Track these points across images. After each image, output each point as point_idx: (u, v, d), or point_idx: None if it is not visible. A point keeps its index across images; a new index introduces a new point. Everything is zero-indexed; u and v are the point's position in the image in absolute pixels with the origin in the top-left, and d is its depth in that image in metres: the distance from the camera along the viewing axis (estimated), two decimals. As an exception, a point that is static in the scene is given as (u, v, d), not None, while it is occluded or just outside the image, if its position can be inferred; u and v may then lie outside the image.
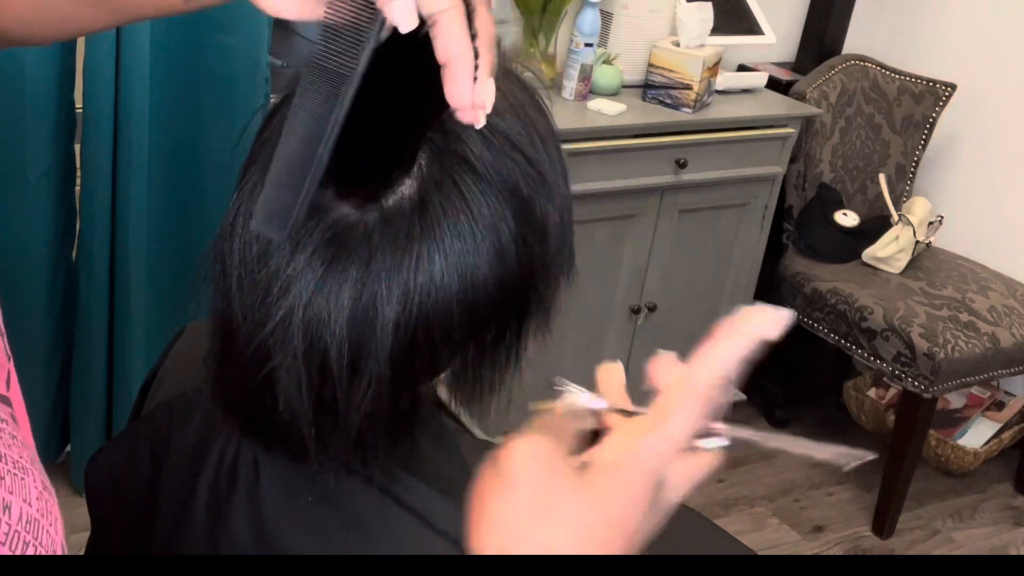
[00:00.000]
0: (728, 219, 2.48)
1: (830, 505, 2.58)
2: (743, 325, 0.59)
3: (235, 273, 0.69)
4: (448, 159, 0.65)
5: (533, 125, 0.71)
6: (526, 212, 0.69)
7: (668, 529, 0.71)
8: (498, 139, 0.68)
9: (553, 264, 0.73)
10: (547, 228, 0.71)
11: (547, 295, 0.75)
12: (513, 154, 0.69)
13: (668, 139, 2.27)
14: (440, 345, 0.69)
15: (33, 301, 2.00)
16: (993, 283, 2.59)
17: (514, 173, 0.69)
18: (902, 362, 2.37)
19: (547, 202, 0.71)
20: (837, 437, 2.93)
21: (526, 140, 0.70)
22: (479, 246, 0.67)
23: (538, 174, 0.70)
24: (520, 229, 0.69)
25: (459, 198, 0.66)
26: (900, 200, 2.80)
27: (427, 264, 0.65)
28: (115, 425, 2.17)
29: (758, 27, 2.54)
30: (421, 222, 0.65)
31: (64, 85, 1.89)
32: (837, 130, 2.68)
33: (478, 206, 0.67)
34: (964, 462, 2.65)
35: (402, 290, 0.65)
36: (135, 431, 0.88)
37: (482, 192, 0.67)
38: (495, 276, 0.68)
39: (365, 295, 0.65)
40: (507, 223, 0.68)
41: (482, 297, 0.68)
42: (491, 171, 0.67)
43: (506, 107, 0.70)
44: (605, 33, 2.36)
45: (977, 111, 2.81)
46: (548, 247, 0.72)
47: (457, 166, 0.66)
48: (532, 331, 0.76)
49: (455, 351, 0.73)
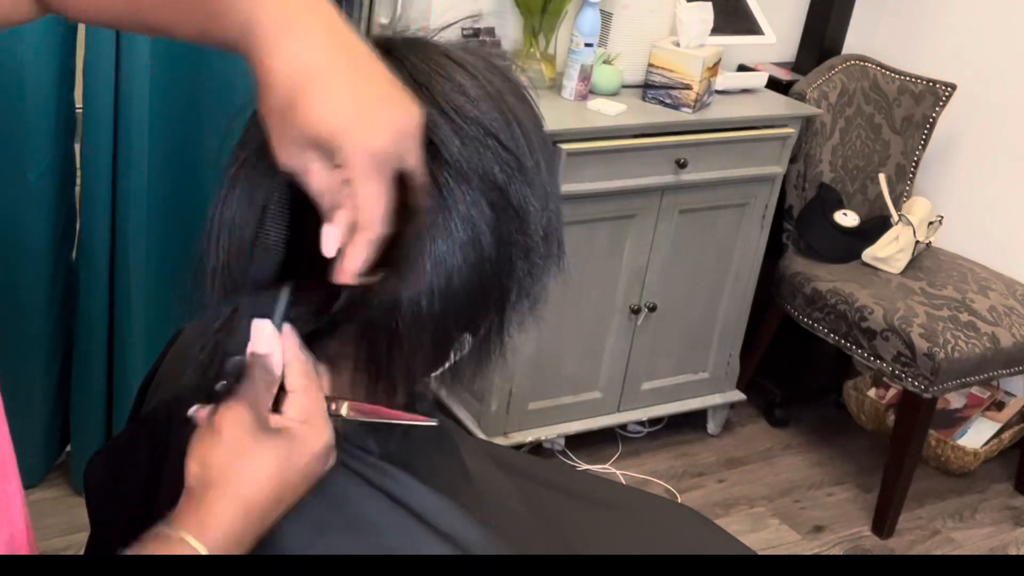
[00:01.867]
0: (728, 219, 2.48)
1: (830, 505, 2.58)
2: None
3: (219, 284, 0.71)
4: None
5: (511, 111, 0.72)
6: (502, 199, 0.70)
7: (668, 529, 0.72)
8: (472, 127, 0.69)
9: (535, 251, 0.74)
10: (526, 214, 0.72)
11: (529, 283, 0.75)
12: (487, 140, 0.69)
13: (668, 139, 2.27)
14: (424, 336, 0.70)
15: (33, 301, 2.00)
16: (993, 283, 2.59)
17: (487, 159, 0.69)
18: (902, 362, 2.37)
19: (524, 187, 0.71)
20: (837, 437, 2.95)
21: (502, 126, 0.71)
22: (454, 235, 0.68)
23: (514, 159, 0.71)
24: (496, 215, 0.70)
25: (433, 189, 0.67)
26: (900, 200, 2.80)
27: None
28: (115, 425, 2.17)
29: (758, 27, 2.54)
30: None
31: (64, 85, 1.89)
32: (837, 130, 2.68)
33: (451, 197, 0.68)
34: (964, 462, 2.65)
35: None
36: (134, 431, 0.88)
37: (453, 180, 0.68)
38: (471, 264, 0.69)
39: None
40: (482, 210, 0.69)
41: (457, 284, 0.69)
42: (462, 158, 0.68)
43: (482, 94, 0.70)
44: (605, 33, 2.36)
45: (977, 111, 2.81)
46: (528, 234, 0.72)
47: (427, 158, 0.67)
48: (516, 319, 0.77)
49: (444, 341, 0.73)
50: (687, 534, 1.12)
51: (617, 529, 1.07)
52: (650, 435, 2.70)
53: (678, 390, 2.63)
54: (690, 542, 1.11)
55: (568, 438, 2.50)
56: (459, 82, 0.70)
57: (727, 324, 2.61)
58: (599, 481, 1.36)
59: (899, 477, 2.44)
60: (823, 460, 2.74)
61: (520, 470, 1.06)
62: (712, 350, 2.63)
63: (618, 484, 2.18)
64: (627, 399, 2.54)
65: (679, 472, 2.61)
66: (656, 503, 1.25)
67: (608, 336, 2.43)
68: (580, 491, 1.12)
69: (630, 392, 2.54)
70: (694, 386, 2.65)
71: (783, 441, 2.80)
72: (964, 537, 2.55)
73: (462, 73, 0.71)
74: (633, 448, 2.65)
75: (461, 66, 0.72)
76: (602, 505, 1.11)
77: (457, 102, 0.69)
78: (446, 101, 0.69)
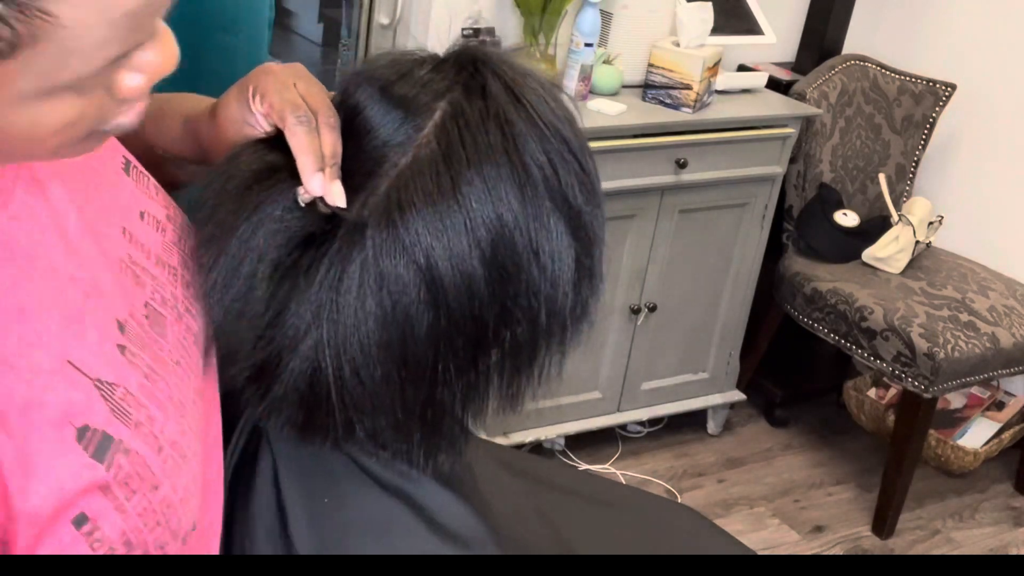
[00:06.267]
0: (728, 219, 2.48)
1: (830, 505, 2.58)
2: None
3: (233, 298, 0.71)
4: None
5: (580, 137, 0.73)
6: (577, 220, 0.71)
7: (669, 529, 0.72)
8: (560, 145, 0.70)
9: (597, 276, 0.74)
10: (596, 238, 0.73)
11: (593, 305, 0.75)
12: (571, 161, 0.71)
13: (668, 139, 2.27)
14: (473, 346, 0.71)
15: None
16: (993, 283, 2.59)
17: (569, 179, 0.70)
18: (902, 362, 2.37)
19: (597, 211, 0.73)
20: (837, 437, 2.95)
21: (579, 150, 0.72)
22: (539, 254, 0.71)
23: (590, 183, 0.72)
24: (573, 236, 0.70)
25: (518, 196, 0.68)
26: (900, 200, 2.80)
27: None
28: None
29: (758, 27, 2.54)
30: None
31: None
32: (837, 130, 2.68)
33: (537, 208, 0.69)
34: (964, 462, 2.65)
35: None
36: None
37: (538, 191, 0.69)
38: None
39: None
40: (561, 230, 0.70)
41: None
42: (549, 174, 0.69)
43: (565, 116, 0.72)
44: (605, 33, 2.36)
45: (977, 111, 2.81)
46: (594, 258, 0.73)
47: (519, 173, 0.68)
48: (575, 341, 0.76)
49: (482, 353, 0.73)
50: (687, 534, 1.12)
51: (617, 529, 1.07)
52: (650, 435, 2.70)
53: (678, 390, 2.63)
54: (690, 542, 1.11)
55: (568, 438, 2.51)
56: (548, 102, 0.71)
57: (727, 324, 2.61)
58: (600, 481, 1.36)
59: (899, 477, 2.44)
60: (823, 460, 2.74)
61: (522, 470, 1.06)
62: (712, 350, 2.63)
63: (619, 484, 2.18)
64: (627, 399, 2.55)
65: (679, 472, 2.61)
66: (656, 503, 1.25)
67: (608, 336, 2.44)
68: (581, 491, 1.12)
69: (630, 392, 2.54)
70: (694, 386, 2.65)
71: (783, 441, 2.80)
72: (964, 537, 2.55)
73: (548, 94, 0.72)
74: (633, 448, 2.65)
75: (541, 85, 0.73)
76: (603, 505, 1.11)
77: (548, 118, 0.70)
78: (540, 116, 0.70)
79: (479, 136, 0.67)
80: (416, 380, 0.69)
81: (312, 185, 0.68)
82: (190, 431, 0.67)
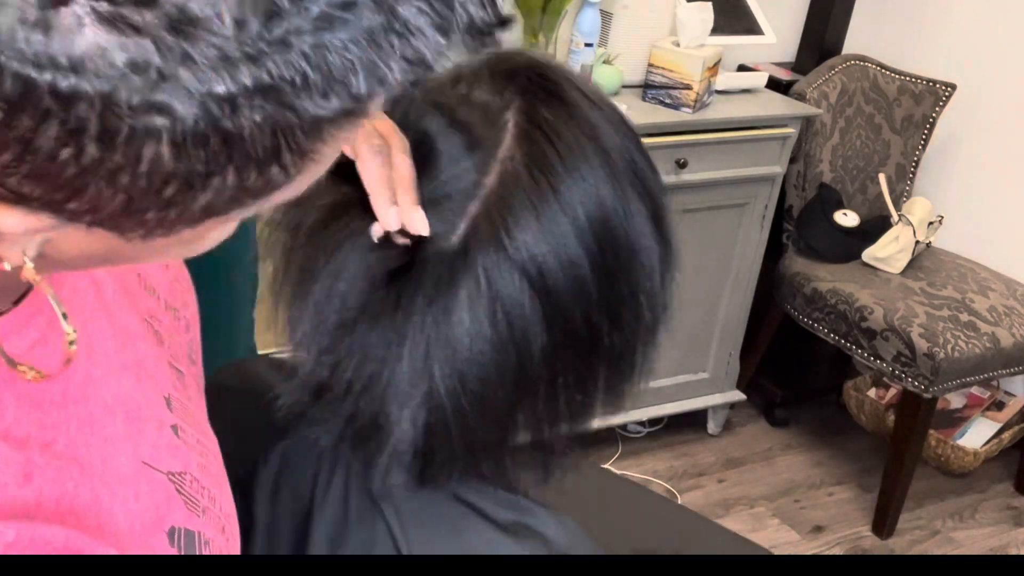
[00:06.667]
0: (728, 219, 2.48)
1: (830, 505, 2.58)
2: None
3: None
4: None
5: (634, 128, 0.74)
6: (656, 210, 0.72)
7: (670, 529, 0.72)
8: (625, 165, 0.70)
9: (677, 268, 0.74)
10: (671, 230, 0.73)
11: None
12: (637, 182, 0.71)
13: (668, 139, 2.27)
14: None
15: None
16: (993, 283, 2.59)
17: (645, 169, 0.72)
18: (902, 362, 2.37)
19: (666, 201, 0.74)
20: (837, 437, 2.95)
21: (645, 169, 0.73)
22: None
23: (656, 171, 0.74)
24: (655, 227, 0.71)
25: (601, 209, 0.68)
26: (900, 200, 2.80)
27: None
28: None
29: (758, 27, 2.54)
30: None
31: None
32: (837, 130, 2.68)
33: (630, 220, 0.69)
34: (964, 462, 2.65)
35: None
36: None
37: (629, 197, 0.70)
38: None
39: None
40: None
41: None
42: (632, 167, 0.71)
43: (615, 110, 0.72)
44: (605, 33, 2.36)
45: (977, 111, 2.81)
46: (673, 251, 0.74)
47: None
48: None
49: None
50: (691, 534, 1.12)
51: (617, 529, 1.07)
52: (650, 435, 2.70)
53: (678, 390, 2.63)
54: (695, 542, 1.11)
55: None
56: (603, 96, 0.72)
57: (727, 324, 2.61)
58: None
59: (899, 477, 2.44)
60: (823, 460, 2.74)
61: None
62: (712, 350, 2.63)
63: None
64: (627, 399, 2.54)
65: (679, 472, 2.61)
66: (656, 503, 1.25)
67: (608, 336, 2.43)
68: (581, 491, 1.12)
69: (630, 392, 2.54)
70: (694, 386, 2.65)
71: (783, 441, 2.80)
72: (964, 537, 2.55)
73: (595, 90, 0.73)
74: (633, 448, 2.65)
75: (587, 82, 0.73)
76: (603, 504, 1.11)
77: (612, 108, 0.71)
78: (605, 106, 0.70)
79: (563, 135, 0.66)
80: (531, 400, 0.68)
81: (388, 221, 0.65)
82: (229, 496, 0.65)
